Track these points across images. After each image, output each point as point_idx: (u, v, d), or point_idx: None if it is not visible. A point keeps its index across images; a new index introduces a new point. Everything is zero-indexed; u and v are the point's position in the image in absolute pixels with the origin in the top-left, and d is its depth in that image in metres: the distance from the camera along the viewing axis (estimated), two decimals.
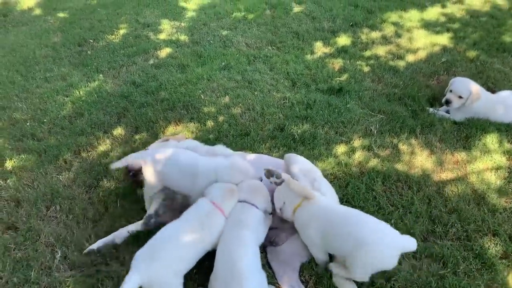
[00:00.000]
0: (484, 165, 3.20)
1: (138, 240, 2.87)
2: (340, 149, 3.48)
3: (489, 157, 3.27)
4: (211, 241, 2.45)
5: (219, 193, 2.59)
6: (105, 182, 3.41)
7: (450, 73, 4.36)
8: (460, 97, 3.57)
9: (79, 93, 4.64)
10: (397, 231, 2.29)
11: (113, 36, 5.89)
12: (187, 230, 2.44)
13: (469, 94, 3.55)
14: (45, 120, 4.23)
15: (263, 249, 2.65)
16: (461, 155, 3.32)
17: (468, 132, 3.52)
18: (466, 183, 3.06)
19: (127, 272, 2.65)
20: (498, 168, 3.16)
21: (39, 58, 5.48)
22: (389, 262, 2.25)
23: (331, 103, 4.01)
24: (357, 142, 3.53)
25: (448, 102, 3.64)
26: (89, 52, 5.57)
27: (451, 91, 3.64)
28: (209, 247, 2.47)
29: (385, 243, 2.23)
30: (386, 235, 2.27)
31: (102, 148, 3.80)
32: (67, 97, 4.62)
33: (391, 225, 2.75)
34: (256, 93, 4.33)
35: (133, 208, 3.15)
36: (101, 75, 4.99)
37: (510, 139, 3.45)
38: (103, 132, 4.00)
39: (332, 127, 3.71)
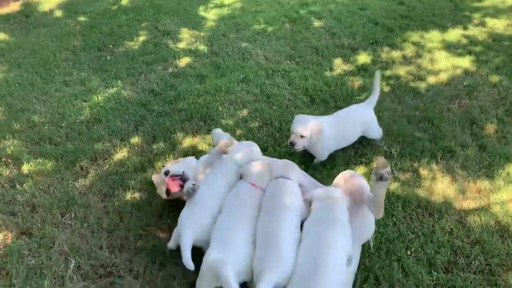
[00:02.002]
0: (508, 196, 3.12)
1: (152, 252, 2.86)
2: (360, 170, 3.43)
3: None
4: (254, 214, 2.65)
5: (255, 175, 2.87)
6: (121, 192, 3.40)
7: (472, 97, 4.29)
8: (302, 136, 3.30)
9: (98, 98, 4.65)
10: None
11: (133, 43, 5.93)
12: (236, 214, 2.64)
13: (310, 132, 3.30)
14: (63, 125, 4.25)
15: None
16: (483, 184, 3.25)
17: (491, 160, 3.44)
18: (490, 213, 2.99)
19: (141, 285, 2.67)
20: None
21: (59, 61, 5.52)
22: None
23: None
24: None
25: (292, 144, 3.34)
26: (108, 57, 5.60)
27: (293, 132, 3.36)
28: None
29: None
30: None
31: (118, 156, 3.79)
32: (85, 102, 4.64)
33: (411, 253, 2.73)
34: (274, 107, 4.31)
35: (148, 219, 3.13)
36: (119, 81, 5.01)
37: None
38: (120, 140, 3.99)
39: (352, 148, 3.66)
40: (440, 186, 3.25)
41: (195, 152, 3.74)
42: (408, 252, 2.74)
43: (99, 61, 5.51)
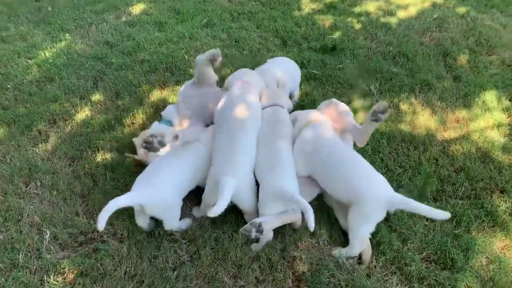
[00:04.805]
0: (485, 123, 3.19)
1: (132, 215, 2.65)
2: None
3: (490, 114, 3.26)
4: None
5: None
6: (89, 154, 3.10)
7: (442, 30, 4.27)
8: None
9: (45, 54, 4.14)
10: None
11: None
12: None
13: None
14: (8, 86, 3.75)
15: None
16: (462, 113, 3.29)
17: (467, 90, 3.48)
18: (470, 141, 3.05)
19: (127, 249, 2.49)
20: (499, 126, 3.16)
21: None
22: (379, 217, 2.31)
23: (326, 62, 3.82)
24: (357, 103, 3.40)
25: None
26: (49, 8, 4.97)
27: None
28: None
29: (379, 199, 2.25)
30: (380, 191, 2.28)
31: (80, 116, 3.43)
32: (30, 59, 4.12)
33: (401, 187, 2.74)
34: (244, 52, 4.05)
35: (125, 179, 2.88)
36: (67, 34, 4.47)
37: (508, 95, 3.45)
38: (79, 98, 3.60)
39: (331, 88, 3.55)
40: (421, 119, 3.25)
41: (166, 106, 3.46)
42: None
43: (39, 13, 4.87)
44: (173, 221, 2.52)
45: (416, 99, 3.43)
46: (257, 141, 2.59)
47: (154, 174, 2.47)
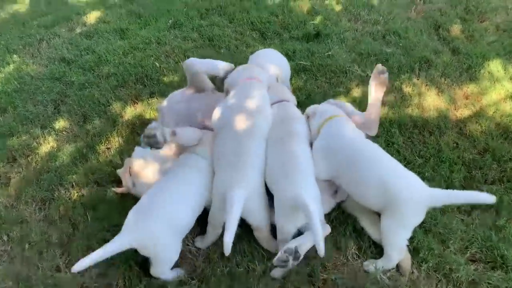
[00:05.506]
0: (497, 95, 2.95)
1: (128, 257, 2.23)
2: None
3: (500, 85, 3.03)
4: None
5: None
6: (63, 192, 2.64)
7: (427, 1, 4.02)
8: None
9: None
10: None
11: (18, 5, 4.68)
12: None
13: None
14: None
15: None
16: (470, 88, 3.04)
17: (470, 62, 3.23)
18: (487, 118, 2.80)
19: None
20: None
21: None
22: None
23: (313, 50, 3.49)
24: (356, 91, 3.09)
25: None
26: None
27: None
28: None
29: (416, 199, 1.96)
30: (417, 190, 1.99)
31: (45, 148, 2.95)
32: None
33: (426, 178, 2.45)
34: (222, 51, 3.66)
35: (110, 218, 2.44)
36: (15, 55, 3.93)
37: None
38: (40, 128, 3.12)
39: (324, 78, 3.21)
40: (429, 100, 2.98)
41: (144, 123, 3.03)
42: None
43: None
44: (164, 267, 2.12)
45: (418, 79, 3.15)
46: (267, 143, 2.25)
47: (147, 210, 2.08)
